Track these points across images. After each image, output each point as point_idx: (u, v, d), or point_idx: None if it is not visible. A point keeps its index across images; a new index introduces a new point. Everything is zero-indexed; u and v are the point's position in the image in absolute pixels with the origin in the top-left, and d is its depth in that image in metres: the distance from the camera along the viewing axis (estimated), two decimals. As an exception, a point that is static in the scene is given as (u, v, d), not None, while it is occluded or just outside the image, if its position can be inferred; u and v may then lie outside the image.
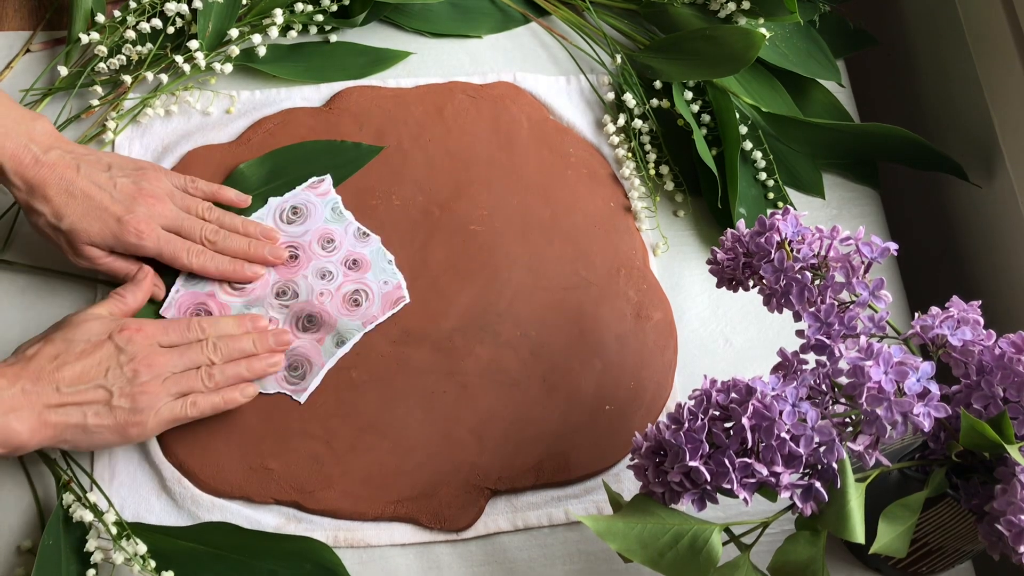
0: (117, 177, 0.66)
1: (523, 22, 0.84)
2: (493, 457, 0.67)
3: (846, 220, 0.80)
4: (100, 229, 0.65)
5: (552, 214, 0.75)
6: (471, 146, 0.77)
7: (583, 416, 0.69)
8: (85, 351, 0.60)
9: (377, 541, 0.65)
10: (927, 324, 0.53)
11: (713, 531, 0.50)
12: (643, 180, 0.78)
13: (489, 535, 0.66)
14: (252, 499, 0.65)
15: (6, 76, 0.77)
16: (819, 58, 0.83)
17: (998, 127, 0.77)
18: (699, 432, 0.50)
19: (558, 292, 0.73)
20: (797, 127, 0.79)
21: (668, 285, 0.75)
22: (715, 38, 0.77)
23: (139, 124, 0.76)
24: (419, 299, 0.71)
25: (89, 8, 0.77)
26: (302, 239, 0.72)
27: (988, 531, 0.50)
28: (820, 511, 0.50)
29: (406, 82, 0.80)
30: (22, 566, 0.63)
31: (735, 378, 0.51)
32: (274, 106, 0.78)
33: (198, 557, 0.62)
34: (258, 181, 0.73)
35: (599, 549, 0.67)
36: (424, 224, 0.74)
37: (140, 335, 0.61)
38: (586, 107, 0.81)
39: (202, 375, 0.63)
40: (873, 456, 0.50)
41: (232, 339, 0.65)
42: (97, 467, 0.65)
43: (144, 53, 0.75)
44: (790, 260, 0.56)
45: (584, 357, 0.71)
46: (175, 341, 0.63)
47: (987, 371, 0.51)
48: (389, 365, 0.69)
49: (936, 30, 0.86)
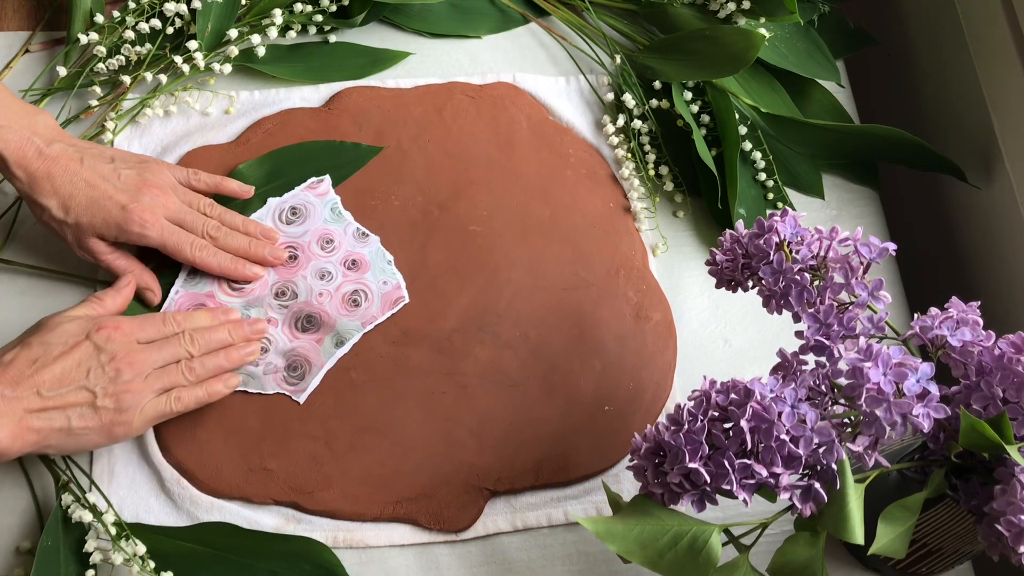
0: (121, 168, 0.66)
1: (522, 22, 0.84)
2: (492, 458, 0.67)
3: (845, 221, 0.80)
4: (104, 219, 0.65)
5: (551, 215, 0.75)
6: (470, 147, 0.77)
7: (582, 417, 0.69)
8: (64, 353, 0.59)
9: (376, 542, 0.65)
10: (926, 325, 0.53)
11: (712, 532, 0.50)
12: (642, 180, 0.78)
13: (488, 536, 0.66)
14: (251, 500, 0.65)
15: (5, 76, 0.77)
16: (819, 58, 0.83)
17: (997, 128, 0.77)
18: (698, 433, 0.50)
19: (557, 293, 0.73)
20: (797, 128, 0.79)
21: (667, 286, 0.75)
22: (715, 38, 0.77)
23: (138, 124, 0.76)
24: (418, 299, 0.71)
25: (88, 8, 0.77)
26: (301, 239, 0.72)
27: (988, 532, 0.50)
28: (819, 512, 0.50)
29: (405, 82, 0.80)
30: (21, 567, 0.63)
31: (734, 379, 0.51)
32: (273, 106, 0.78)
33: (197, 558, 0.62)
34: (257, 181, 0.73)
35: (598, 550, 0.67)
36: (423, 224, 0.74)
37: (118, 333, 0.61)
38: (585, 107, 0.81)
39: (183, 369, 0.62)
40: (872, 457, 0.50)
41: (208, 331, 0.65)
42: (96, 468, 0.65)
43: (143, 53, 0.75)
44: (789, 261, 0.56)
45: (583, 358, 0.71)
46: (152, 336, 0.62)
47: (986, 372, 0.51)
48: (388, 366, 0.69)
49: (936, 30, 0.86)
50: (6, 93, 0.65)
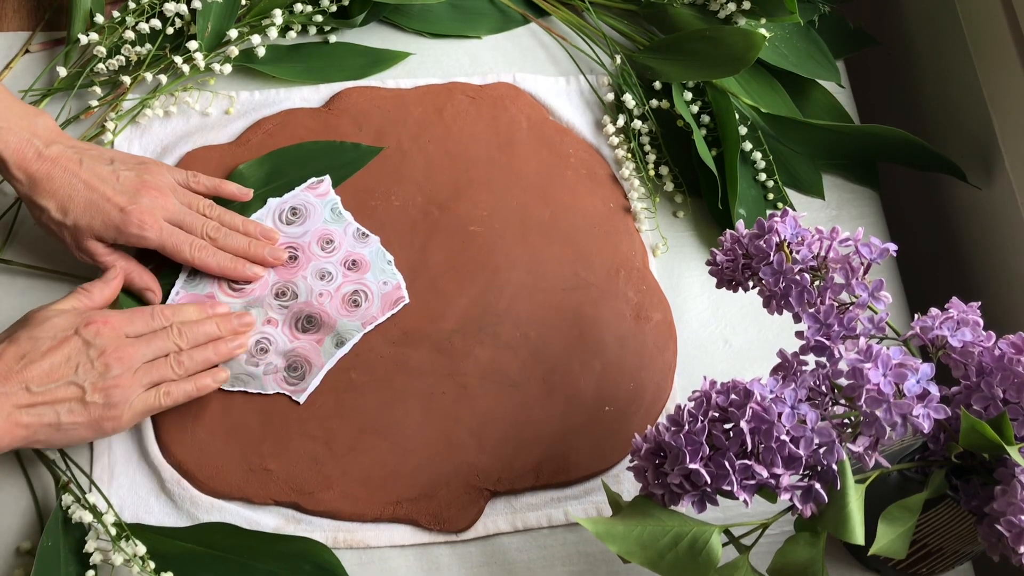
0: (120, 170, 0.66)
1: (523, 23, 0.84)
2: (492, 458, 0.67)
3: (846, 221, 0.80)
4: (103, 221, 0.65)
5: (552, 215, 0.75)
6: (470, 147, 0.77)
7: (582, 417, 0.69)
8: (52, 348, 0.59)
9: (376, 542, 0.65)
10: (927, 325, 0.53)
11: (713, 532, 0.50)
12: (643, 181, 0.78)
13: (488, 536, 0.66)
14: (251, 500, 0.65)
15: (5, 76, 0.77)
16: (819, 59, 0.83)
17: (997, 128, 0.77)
18: (699, 434, 0.50)
19: (558, 293, 0.73)
20: (797, 128, 0.79)
21: (668, 286, 0.75)
22: (715, 39, 0.77)
23: (138, 125, 0.76)
24: (418, 300, 0.71)
25: (88, 8, 0.77)
26: (301, 240, 0.72)
27: (988, 532, 0.50)
28: (820, 512, 0.50)
29: (405, 83, 0.80)
30: (21, 567, 0.63)
31: (734, 380, 0.51)
32: (273, 107, 0.78)
33: (197, 558, 0.62)
34: (257, 182, 0.73)
35: (598, 550, 0.66)
36: (423, 225, 0.74)
37: (107, 327, 0.60)
38: (585, 108, 0.81)
39: (171, 362, 0.62)
40: (873, 457, 0.50)
41: (196, 324, 0.65)
42: (96, 468, 0.65)
43: (143, 54, 0.75)
44: (789, 262, 0.56)
45: (584, 358, 0.71)
46: (140, 330, 0.62)
47: (987, 372, 0.51)
48: (388, 366, 0.69)
49: (936, 31, 0.86)
50: (5, 94, 0.65)
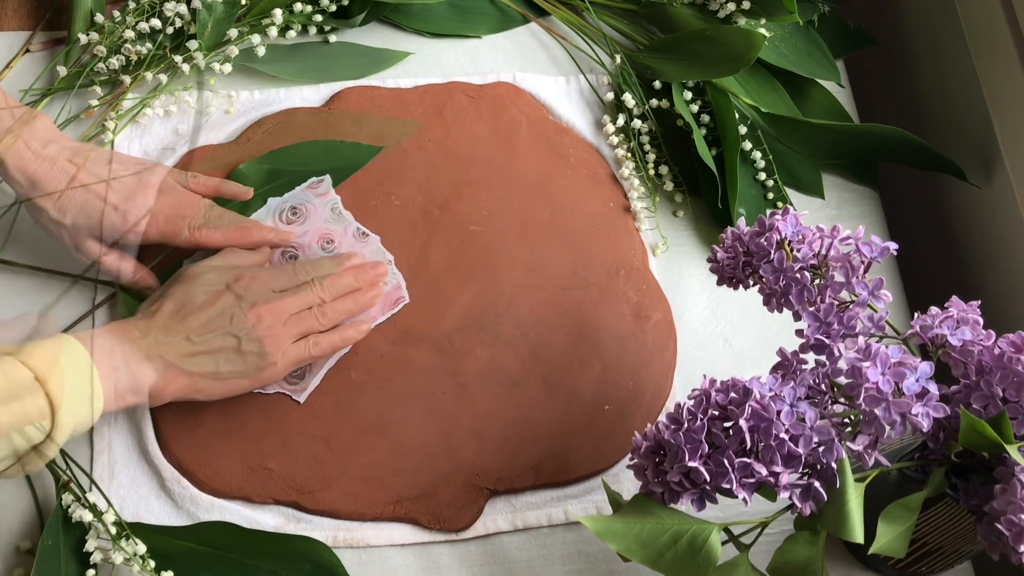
0: (118, 171, 0.67)
1: (522, 22, 0.84)
2: (492, 457, 0.67)
3: (846, 220, 0.80)
4: (100, 221, 0.65)
5: (551, 214, 0.75)
6: (470, 146, 0.77)
7: (582, 416, 0.69)
8: (207, 301, 0.61)
9: (376, 541, 0.65)
10: (926, 324, 0.53)
11: (712, 531, 0.50)
12: (642, 180, 0.78)
13: (488, 535, 0.66)
14: (251, 499, 0.65)
15: (5, 76, 0.77)
16: (819, 58, 0.83)
17: (997, 127, 0.77)
18: (698, 432, 0.50)
19: (558, 292, 0.73)
20: (796, 127, 0.79)
21: (667, 285, 0.75)
22: (715, 38, 0.77)
23: (138, 124, 0.76)
24: (419, 299, 0.71)
25: (88, 8, 0.77)
26: (302, 239, 0.72)
27: (987, 531, 0.50)
28: (819, 511, 0.50)
29: (405, 82, 0.80)
30: (21, 566, 0.63)
31: (734, 378, 0.51)
32: (273, 106, 0.78)
33: (198, 557, 0.62)
34: (257, 181, 0.73)
35: (598, 549, 0.66)
36: (424, 224, 0.74)
37: (256, 283, 0.63)
38: (585, 107, 0.81)
39: (316, 314, 0.65)
40: (872, 456, 0.50)
41: (336, 277, 0.67)
42: (96, 467, 0.65)
43: (143, 53, 0.75)
44: (790, 260, 0.56)
45: (584, 357, 0.71)
46: (285, 285, 0.65)
47: (986, 371, 0.51)
48: (389, 366, 0.69)
49: (936, 30, 0.86)
50: (3, 96, 0.65)
